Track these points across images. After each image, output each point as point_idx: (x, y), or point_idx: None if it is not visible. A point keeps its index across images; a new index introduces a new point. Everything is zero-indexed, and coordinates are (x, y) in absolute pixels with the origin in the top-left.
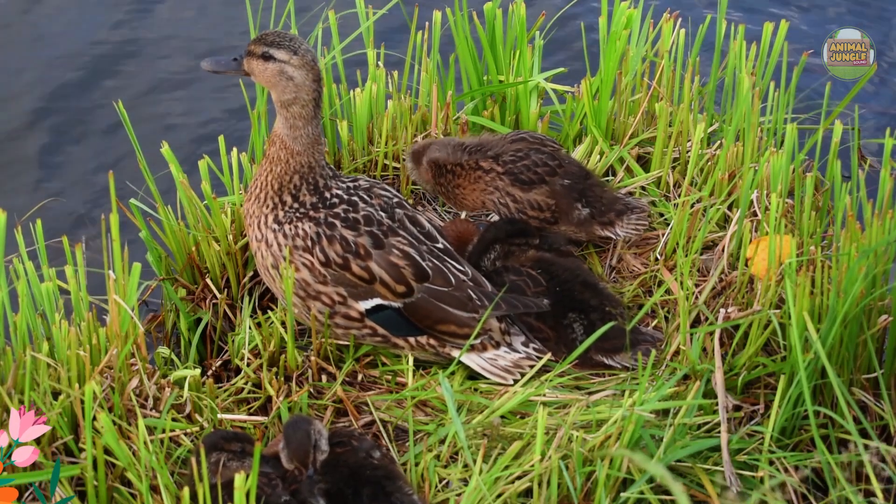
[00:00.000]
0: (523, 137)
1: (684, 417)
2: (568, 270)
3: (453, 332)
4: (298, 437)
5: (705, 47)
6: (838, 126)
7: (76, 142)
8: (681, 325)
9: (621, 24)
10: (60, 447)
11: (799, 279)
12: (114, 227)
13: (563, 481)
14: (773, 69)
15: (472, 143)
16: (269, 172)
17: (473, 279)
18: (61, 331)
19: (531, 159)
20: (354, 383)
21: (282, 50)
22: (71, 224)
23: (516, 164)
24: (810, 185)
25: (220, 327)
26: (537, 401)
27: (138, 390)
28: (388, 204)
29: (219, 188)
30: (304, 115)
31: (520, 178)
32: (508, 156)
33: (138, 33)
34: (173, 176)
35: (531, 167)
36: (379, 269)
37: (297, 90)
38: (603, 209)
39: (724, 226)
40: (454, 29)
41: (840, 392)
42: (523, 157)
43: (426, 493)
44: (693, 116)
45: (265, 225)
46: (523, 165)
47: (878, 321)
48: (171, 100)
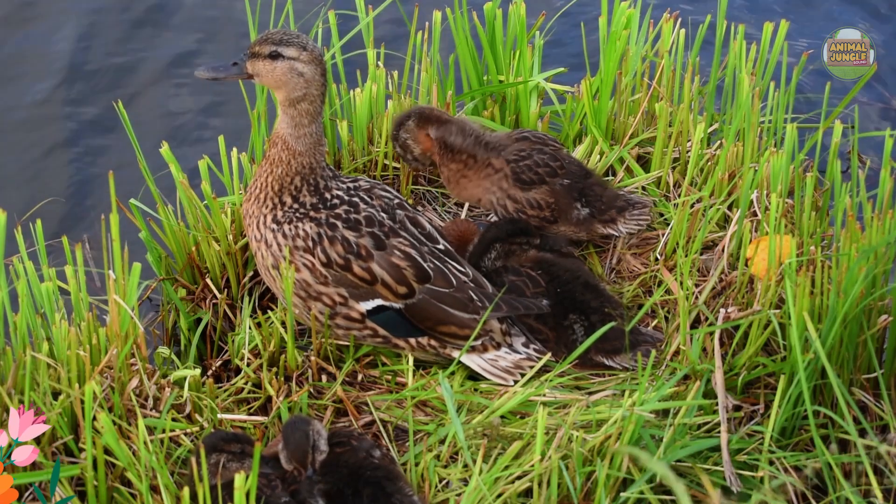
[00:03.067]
0: (526, 136)
1: (684, 417)
2: (568, 271)
3: (454, 333)
4: (297, 438)
5: (705, 47)
6: (838, 126)
7: (76, 142)
8: (681, 325)
9: (621, 24)
10: (60, 447)
11: (799, 279)
12: (114, 227)
13: (563, 481)
14: (773, 69)
15: (492, 139)
16: (270, 174)
17: (474, 280)
18: (61, 331)
19: (533, 159)
20: (354, 383)
21: (291, 47)
22: (71, 224)
23: (518, 164)
24: (810, 185)
25: (220, 327)
26: (537, 401)
27: (138, 390)
28: (389, 205)
29: (219, 188)
30: (311, 111)
31: (520, 178)
32: (511, 154)
33: (138, 33)
34: (173, 176)
35: (532, 167)
36: (380, 270)
37: (307, 86)
38: (603, 208)
39: (724, 226)
40: (454, 29)
41: (840, 392)
42: (525, 157)
43: (426, 493)
44: (693, 116)
45: (264, 225)
46: (525, 165)
47: (878, 321)
48: (171, 100)
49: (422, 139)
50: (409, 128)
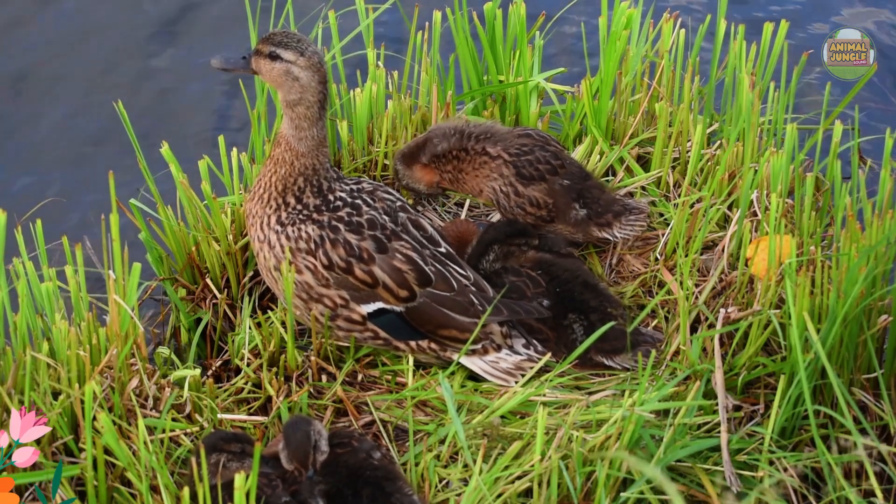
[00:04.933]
0: (529, 134)
1: (684, 417)
2: (568, 271)
3: (455, 336)
4: (298, 438)
5: (705, 47)
6: (838, 126)
7: (76, 141)
8: (681, 325)
9: (621, 24)
10: (60, 447)
11: (799, 279)
12: (114, 227)
13: (563, 481)
14: (773, 69)
15: (478, 129)
16: (274, 174)
17: (476, 284)
18: (61, 331)
19: (535, 155)
20: (354, 383)
21: (289, 50)
22: (71, 224)
23: (520, 158)
24: (810, 185)
25: (220, 327)
26: (537, 401)
27: (138, 390)
28: (392, 207)
29: (219, 188)
30: (308, 116)
31: (521, 173)
32: (514, 148)
33: (137, 33)
34: (173, 176)
35: (534, 163)
36: (382, 273)
37: (302, 91)
38: (600, 210)
39: (724, 226)
40: (454, 29)
41: (840, 392)
42: (528, 153)
43: (426, 493)
44: (693, 116)
45: (268, 226)
46: (527, 160)
47: (878, 321)
48: (171, 99)
49: (420, 174)
50: (403, 173)
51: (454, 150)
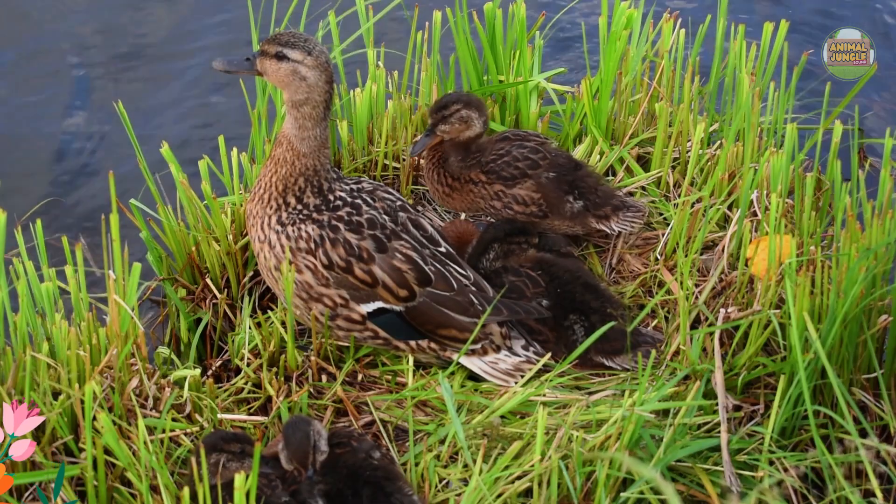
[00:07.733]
0: (506, 136)
1: (684, 417)
2: (568, 272)
3: (454, 336)
4: (298, 438)
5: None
6: (838, 126)
7: (76, 142)
8: (681, 325)
9: (621, 24)
10: (60, 447)
11: (799, 279)
12: (114, 227)
13: (563, 481)
14: (773, 69)
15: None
16: (275, 174)
17: (476, 283)
18: (61, 331)
19: (512, 155)
20: (354, 383)
21: (296, 50)
22: (71, 224)
23: (497, 163)
24: (810, 185)
25: (220, 327)
26: (537, 401)
27: (138, 390)
28: (392, 207)
29: (219, 188)
30: (314, 116)
31: (502, 176)
32: (490, 156)
33: (138, 33)
34: (173, 176)
35: (511, 163)
36: (382, 272)
37: (309, 91)
38: (598, 202)
39: (724, 226)
40: (454, 29)
41: (840, 392)
42: (504, 155)
43: (426, 493)
44: (693, 116)
45: (268, 226)
46: (504, 162)
47: (878, 321)
48: (171, 100)
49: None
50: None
51: (450, 178)
